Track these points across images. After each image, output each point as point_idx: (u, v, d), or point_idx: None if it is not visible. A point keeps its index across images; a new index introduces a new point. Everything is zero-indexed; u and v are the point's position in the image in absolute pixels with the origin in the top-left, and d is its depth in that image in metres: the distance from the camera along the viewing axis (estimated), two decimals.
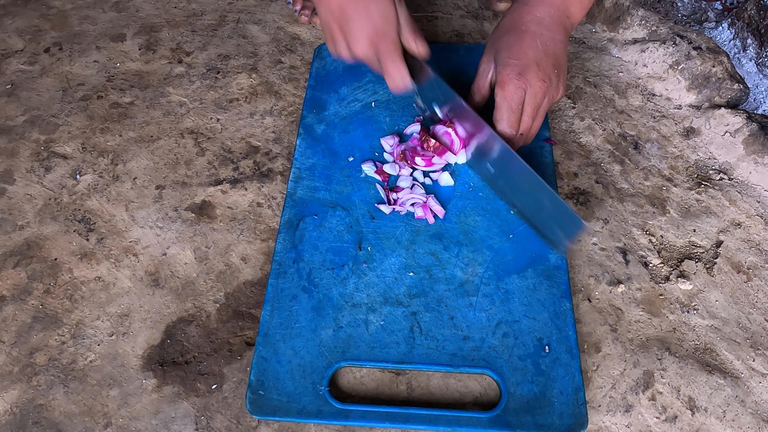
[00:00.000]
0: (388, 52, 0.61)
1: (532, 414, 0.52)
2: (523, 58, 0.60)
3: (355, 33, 0.59)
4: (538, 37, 0.60)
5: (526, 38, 0.61)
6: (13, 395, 0.56)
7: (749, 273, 0.63)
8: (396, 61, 0.61)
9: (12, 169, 0.72)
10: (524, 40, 0.60)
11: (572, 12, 0.63)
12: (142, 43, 0.86)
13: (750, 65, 0.93)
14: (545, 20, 0.61)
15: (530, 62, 0.59)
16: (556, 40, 0.61)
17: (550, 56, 0.60)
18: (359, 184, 0.67)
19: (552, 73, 0.60)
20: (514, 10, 0.63)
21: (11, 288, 0.62)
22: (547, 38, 0.61)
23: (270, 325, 0.57)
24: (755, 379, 0.56)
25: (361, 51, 0.61)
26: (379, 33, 0.60)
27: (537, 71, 0.59)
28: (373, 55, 0.61)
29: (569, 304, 0.58)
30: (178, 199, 0.69)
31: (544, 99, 0.61)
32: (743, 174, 0.70)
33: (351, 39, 0.60)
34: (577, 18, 0.64)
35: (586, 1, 0.64)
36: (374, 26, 0.59)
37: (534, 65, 0.59)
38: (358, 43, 0.60)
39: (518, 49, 0.60)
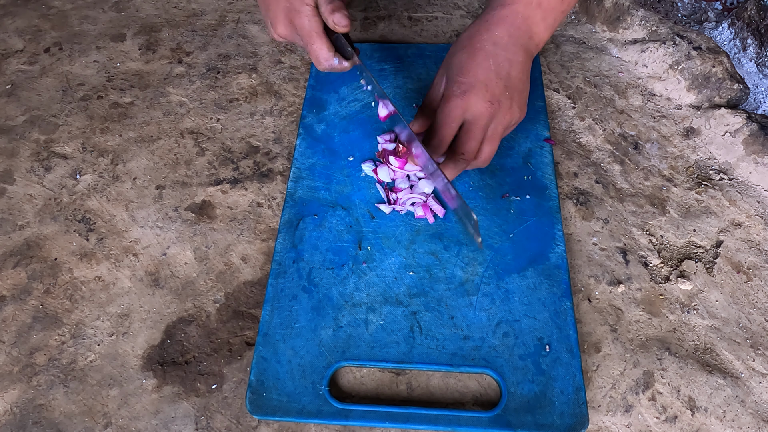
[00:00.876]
0: (304, 29, 0.58)
1: (533, 414, 0.52)
2: (470, 77, 0.58)
3: (274, 11, 0.58)
4: (492, 56, 0.58)
5: (479, 57, 0.58)
6: (13, 395, 0.56)
7: (749, 273, 0.63)
8: (314, 37, 0.58)
9: (12, 169, 0.72)
10: (476, 59, 0.58)
11: (536, 32, 0.60)
12: (142, 43, 0.86)
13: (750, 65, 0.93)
14: (503, 40, 0.59)
15: (477, 82, 0.57)
16: (512, 61, 0.59)
17: (502, 78, 0.58)
18: (359, 184, 0.67)
19: (502, 95, 0.58)
20: (473, 26, 0.61)
21: (11, 288, 0.62)
22: (502, 59, 0.58)
23: (270, 325, 0.57)
24: (755, 379, 0.56)
25: (282, 31, 0.59)
26: (292, 10, 0.57)
27: (483, 92, 0.57)
28: (294, 33, 0.59)
29: (570, 303, 0.58)
30: (178, 199, 0.69)
31: (491, 122, 0.58)
32: (743, 174, 0.70)
33: (272, 18, 0.59)
34: (542, 38, 0.61)
35: (550, 21, 0.61)
36: (287, 3, 0.57)
37: (481, 85, 0.57)
38: (278, 22, 0.59)
39: (468, 68, 0.58)
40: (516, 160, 0.69)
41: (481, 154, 0.60)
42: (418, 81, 0.78)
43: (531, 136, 0.71)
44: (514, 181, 0.68)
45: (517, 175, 0.68)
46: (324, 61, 0.60)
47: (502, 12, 0.59)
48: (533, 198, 0.66)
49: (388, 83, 0.77)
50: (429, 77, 0.78)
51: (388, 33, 0.87)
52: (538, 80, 0.77)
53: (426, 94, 0.64)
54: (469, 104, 0.57)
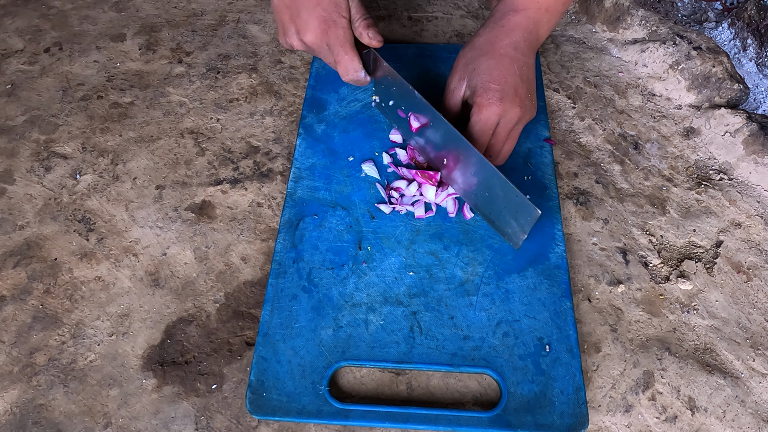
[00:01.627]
0: (338, 39, 0.60)
1: (533, 414, 0.52)
2: (503, 84, 0.60)
3: (306, 19, 0.59)
4: (516, 62, 0.61)
5: (505, 63, 0.61)
6: (13, 395, 0.56)
7: (749, 273, 0.63)
8: (347, 48, 0.61)
9: (12, 169, 0.72)
10: (504, 65, 0.61)
11: (540, 34, 0.64)
12: (142, 43, 0.86)
13: (750, 65, 0.93)
14: (521, 45, 0.62)
15: (509, 88, 0.60)
16: (529, 64, 0.62)
17: (525, 82, 0.61)
18: (359, 184, 0.67)
19: (527, 99, 0.61)
20: (490, 30, 0.63)
21: (11, 288, 0.62)
22: (522, 63, 0.61)
23: (270, 325, 0.57)
24: (755, 379, 0.56)
25: (311, 39, 0.60)
26: (329, 20, 0.59)
27: (515, 98, 0.60)
28: (323, 43, 0.61)
29: (570, 303, 0.58)
30: (178, 199, 0.69)
31: (517, 124, 0.62)
32: (743, 174, 0.70)
33: (301, 25, 0.60)
34: (543, 38, 0.65)
35: (553, 23, 0.65)
36: (324, 13, 0.58)
37: (513, 92, 0.60)
38: (308, 30, 0.59)
39: (499, 74, 0.60)
40: (516, 160, 0.69)
41: (502, 153, 0.64)
42: (418, 80, 0.78)
43: (531, 136, 0.71)
44: (514, 181, 0.67)
45: (517, 175, 0.68)
46: (354, 72, 0.63)
47: (517, 18, 0.62)
48: (533, 198, 0.66)
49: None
50: (429, 77, 0.78)
51: (388, 33, 0.87)
52: (538, 80, 0.77)
53: (444, 100, 0.66)
54: (504, 111, 0.60)
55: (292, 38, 0.62)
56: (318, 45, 0.61)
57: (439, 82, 0.78)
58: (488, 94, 0.60)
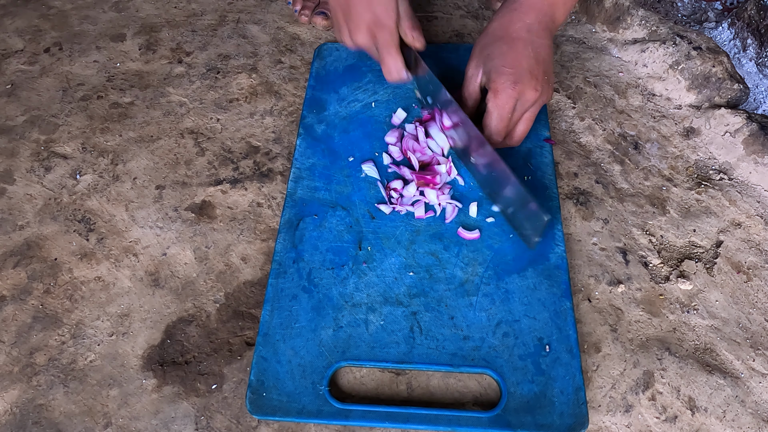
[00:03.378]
0: (385, 42, 0.63)
1: (533, 414, 0.52)
2: (517, 67, 0.60)
3: (356, 21, 0.62)
4: (530, 44, 0.61)
5: (519, 46, 0.61)
6: (13, 395, 0.56)
7: (749, 273, 0.63)
8: (392, 51, 0.63)
9: (12, 169, 0.72)
10: (517, 48, 0.61)
11: (557, 16, 0.64)
12: (142, 43, 0.86)
13: (750, 65, 0.93)
14: (534, 27, 0.62)
15: (524, 71, 0.60)
16: (545, 45, 0.62)
17: (540, 63, 0.61)
18: (359, 184, 0.67)
19: (543, 81, 0.61)
20: (503, 15, 0.64)
21: (11, 288, 0.62)
22: (537, 45, 0.61)
23: (270, 325, 0.57)
24: (755, 379, 0.56)
25: (361, 39, 0.63)
26: (378, 23, 0.61)
27: (530, 80, 0.60)
28: (372, 44, 0.63)
29: (569, 303, 0.58)
30: (178, 199, 0.69)
31: (533, 106, 0.62)
32: (743, 174, 0.70)
33: (352, 27, 0.63)
34: (561, 21, 0.65)
35: (570, 5, 0.64)
36: (374, 15, 0.61)
37: (528, 74, 0.60)
38: (359, 31, 0.62)
39: (513, 58, 0.61)
40: (516, 160, 0.69)
41: (516, 134, 0.64)
42: None
43: (531, 136, 0.71)
44: None
45: (517, 175, 0.67)
46: (397, 73, 0.65)
47: (530, 0, 0.62)
48: None
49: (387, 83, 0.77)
50: None
51: None
52: None
53: (462, 88, 0.66)
54: (520, 93, 0.60)
55: (345, 38, 0.65)
56: (367, 45, 0.64)
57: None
58: (502, 78, 0.60)
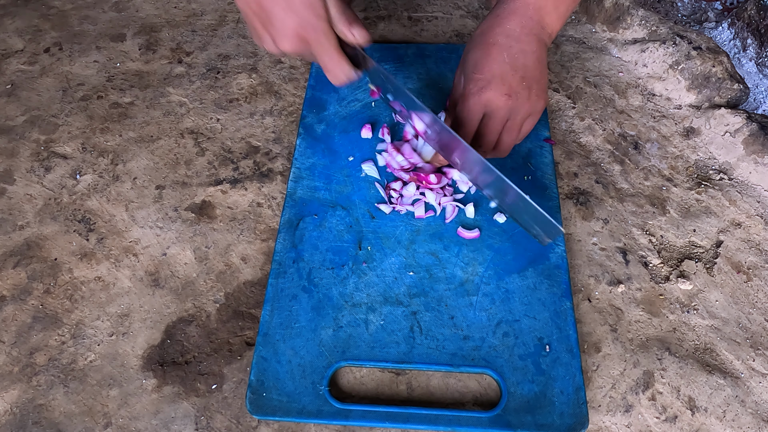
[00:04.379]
0: (321, 44, 0.54)
1: (533, 414, 0.52)
2: (486, 73, 0.57)
3: (279, 27, 0.53)
4: (506, 49, 0.58)
5: (493, 52, 0.58)
6: (13, 395, 0.56)
7: (749, 273, 0.63)
8: (332, 54, 0.55)
9: (12, 169, 0.72)
10: (490, 54, 0.58)
11: (548, 22, 0.60)
12: (142, 43, 0.86)
13: (750, 65, 0.93)
14: (515, 31, 0.58)
15: (494, 77, 0.57)
16: (527, 51, 0.58)
17: (518, 69, 0.57)
18: (359, 184, 0.67)
19: (519, 87, 0.57)
20: (485, 21, 0.61)
21: (11, 288, 0.62)
22: (516, 50, 0.58)
23: (270, 325, 0.57)
24: (755, 379, 0.56)
25: (289, 46, 0.54)
26: (306, 25, 0.53)
27: (500, 86, 0.57)
28: (305, 49, 0.55)
29: (570, 303, 0.58)
30: (178, 199, 0.69)
31: (510, 113, 0.58)
32: (743, 174, 0.70)
33: (275, 34, 0.54)
34: (554, 28, 0.61)
35: (563, 11, 0.60)
36: (299, 18, 0.52)
37: (497, 80, 0.57)
38: (284, 38, 0.54)
39: (483, 64, 0.58)
40: (516, 160, 0.69)
41: (500, 144, 0.61)
42: (418, 81, 0.78)
43: (531, 136, 0.71)
44: (514, 181, 0.67)
45: (517, 175, 0.68)
46: (344, 75, 0.57)
47: (513, 5, 0.59)
48: (533, 198, 0.65)
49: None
50: (429, 77, 0.78)
51: (388, 33, 0.87)
52: None
53: (450, 95, 0.64)
54: (488, 100, 0.57)
55: (268, 46, 0.56)
56: (299, 52, 0.56)
57: (439, 82, 0.78)
58: (470, 84, 0.58)
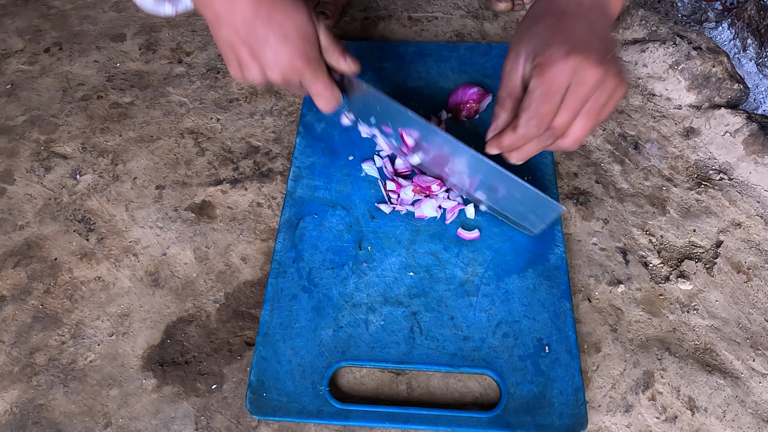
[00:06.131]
0: (314, 73, 0.53)
1: (532, 414, 0.52)
2: (569, 37, 0.47)
3: (272, 57, 0.51)
4: (582, 17, 0.48)
5: (568, 18, 0.48)
6: (13, 395, 0.56)
7: (749, 273, 0.63)
8: (325, 83, 0.54)
9: (12, 169, 0.72)
10: (566, 20, 0.48)
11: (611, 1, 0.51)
12: (142, 43, 0.86)
13: (750, 65, 0.93)
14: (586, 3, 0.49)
15: (579, 41, 0.47)
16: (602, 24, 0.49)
17: (599, 39, 0.47)
18: (359, 183, 0.67)
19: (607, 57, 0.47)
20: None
21: (11, 288, 0.62)
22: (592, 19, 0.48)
23: (270, 325, 0.57)
24: (755, 379, 0.56)
25: (280, 75, 0.52)
26: (302, 54, 0.51)
27: (589, 53, 0.46)
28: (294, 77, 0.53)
29: (569, 304, 0.58)
30: (178, 199, 0.69)
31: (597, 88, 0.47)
32: (743, 174, 0.70)
33: (267, 63, 0.51)
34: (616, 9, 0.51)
35: None
36: (294, 47, 0.51)
37: (584, 46, 0.46)
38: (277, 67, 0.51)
39: (561, 28, 0.48)
40: None
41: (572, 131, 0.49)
42: (419, 79, 0.78)
43: None
44: None
45: (517, 176, 0.67)
46: (336, 102, 0.56)
47: None
48: None
49: (387, 82, 0.77)
50: (429, 75, 0.78)
51: (388, 33, 0.87)
52: None
53: (500, 86, 0.52)
54: (577, 65, 0.46)
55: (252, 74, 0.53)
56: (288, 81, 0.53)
57: (439, 82, 0.77)
58: (551, 49, 0.47)
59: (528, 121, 0.49)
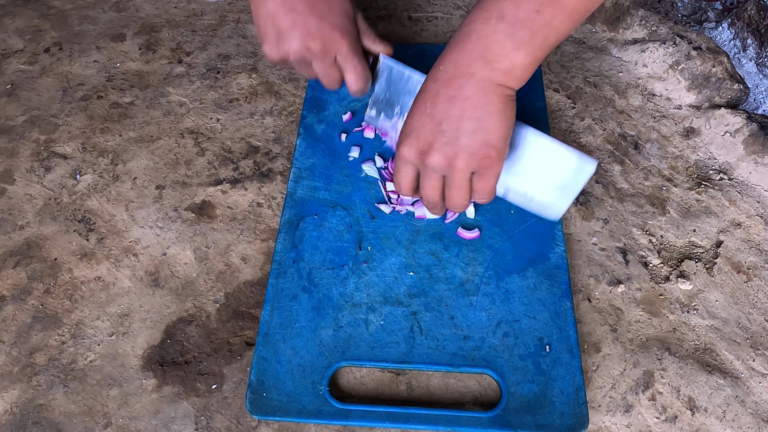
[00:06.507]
0: (352, 46, 0.57)
1: (533, 414, 0.52)
2: (406, 126, 0.52)
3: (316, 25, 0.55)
4: (431, 98, 0.50)
5: (418, 100, 0.52)
6: (13, 395, 0.56)
7: (749, 273, 0.63)
8: (360, 58, 0.58)
9: (12, 169, 0.72)
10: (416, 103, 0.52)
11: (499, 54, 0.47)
12: (142, 43, 0.86)
13: (750, 65, 0.93)
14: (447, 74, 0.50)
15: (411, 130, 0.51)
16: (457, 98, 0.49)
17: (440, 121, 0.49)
18: (359, 184, 0.67)
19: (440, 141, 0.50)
20: None
21: (11, 288, 0.62)
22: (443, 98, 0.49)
23: (270, 325, 0.57)
24: (755, 379, 0.56)
25: (321, 43, 0.56)
26: (342, 27, 0.56)
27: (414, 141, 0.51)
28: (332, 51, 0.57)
29: (570, 303, 0.58)
30: (178, 199, 0.69)
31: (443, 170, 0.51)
32: (743, 174, 0.70)
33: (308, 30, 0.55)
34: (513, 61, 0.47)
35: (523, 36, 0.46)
36: (336, 20, 0.56)
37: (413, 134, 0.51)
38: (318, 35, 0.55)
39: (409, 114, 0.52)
40: None
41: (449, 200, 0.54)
42: None
43: None
44: None
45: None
46: (366, 81, 0.60)
47: (454, 39, 0.50)
48: None
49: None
50: None
51: (388, 33, 0.87)
52: (538, 80, 0.77)
53: None
54: (403, 155, 0.52)
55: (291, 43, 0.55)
56: (324, 53, 0.56)
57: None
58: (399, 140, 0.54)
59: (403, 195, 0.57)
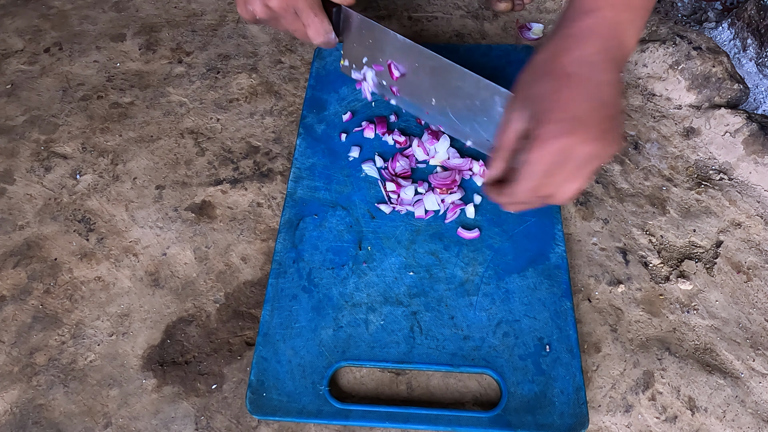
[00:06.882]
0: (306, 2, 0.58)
1: (533, 414, 0.52)
2: (563, 113, 0.47)
3: None
4: (585, 82, 0.48)
5: (569, 85, 0.48)
6: (13, 395, 0.56)
7: (749, 273, 0.63)
8: (316, 11, 0.59)
9: (12, 169, 0.72)
10: (566, 88, 0.48)
11: (625, 41, 0.49)
12: (142, 43, 0.86)
13: (750, 65, 0.93)
14: (594, 58, 0.48)
15: (573, 119, 0.47)
16: (608, 83, 0.48)
17: (600, 107, 0.47)
18: (359, 184, 0.67)
19: (602, 130, 0.47)
20: (554, 43, 0.50)
21: (11, 288, 0.62)
22: (596, 83, 0.48)
23: (270, 325, 0.57)
24: (755, 379, 0.56)
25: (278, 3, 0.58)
26: None
27: (582, 131, 0.47)
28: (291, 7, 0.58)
29: (570, 303, 0.58)
30: (178, 199, 0.69)
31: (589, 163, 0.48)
32: (743, 174, 0.70)
33: None
34: (630, 47, 0.50)
35: (639, 25, 0.50)
36: None
37: (578, 123, 0.47)
38: None
39: (557, 101, 0.48)
40: None
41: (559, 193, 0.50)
42: None
43: None
44: None
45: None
46: (325, 34, 0.61)
47: (587, 22, 0.49)
48: None
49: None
50: None
51: None
52: None
53: (498, 135, 0.52)
54: (568, 147, 0.47)
55: (255, 4, 0.59)
56: (284, 9, 0.58)
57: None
58: (545, 128, 0.47)
59: (521, 191, 0.50)
